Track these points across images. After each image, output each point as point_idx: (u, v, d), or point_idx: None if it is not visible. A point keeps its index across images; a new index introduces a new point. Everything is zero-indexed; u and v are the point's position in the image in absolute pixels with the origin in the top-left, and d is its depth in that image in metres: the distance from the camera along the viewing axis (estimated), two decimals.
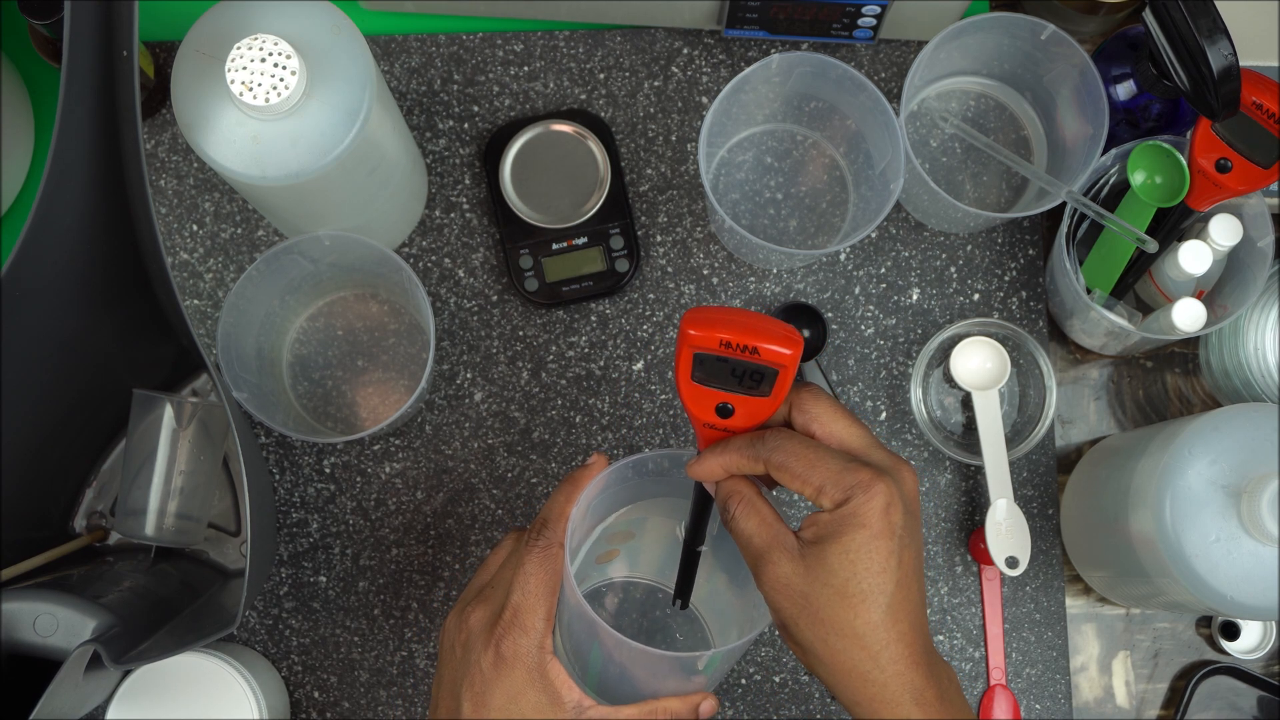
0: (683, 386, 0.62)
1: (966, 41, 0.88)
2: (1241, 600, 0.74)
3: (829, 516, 0.61)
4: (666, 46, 0.94)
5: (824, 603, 0.61)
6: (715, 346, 0.60)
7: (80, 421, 0.86)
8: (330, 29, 0.73)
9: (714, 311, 0.62)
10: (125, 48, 0.67)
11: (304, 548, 0.90)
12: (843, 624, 0.61)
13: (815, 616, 0.62)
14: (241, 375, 0.82)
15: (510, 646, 0.66)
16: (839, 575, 0.61)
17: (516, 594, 0.67)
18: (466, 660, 0.68)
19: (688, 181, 0.94)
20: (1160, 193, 0.84)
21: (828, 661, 0.62)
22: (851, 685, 0.62)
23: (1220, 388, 0.92)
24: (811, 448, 0.62)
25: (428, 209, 0.93)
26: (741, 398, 0.62)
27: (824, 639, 0.62)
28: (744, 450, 0.63)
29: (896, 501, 0.61)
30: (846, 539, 0.60)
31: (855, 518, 0.60)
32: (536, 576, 0.67)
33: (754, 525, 0.63)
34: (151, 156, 0.93)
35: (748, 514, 0.64)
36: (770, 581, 0.62)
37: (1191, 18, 0.76)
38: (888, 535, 0.61)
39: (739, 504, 0.64)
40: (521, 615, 0.66)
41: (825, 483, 0.61)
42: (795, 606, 0.62)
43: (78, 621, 0.73)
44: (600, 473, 0.70)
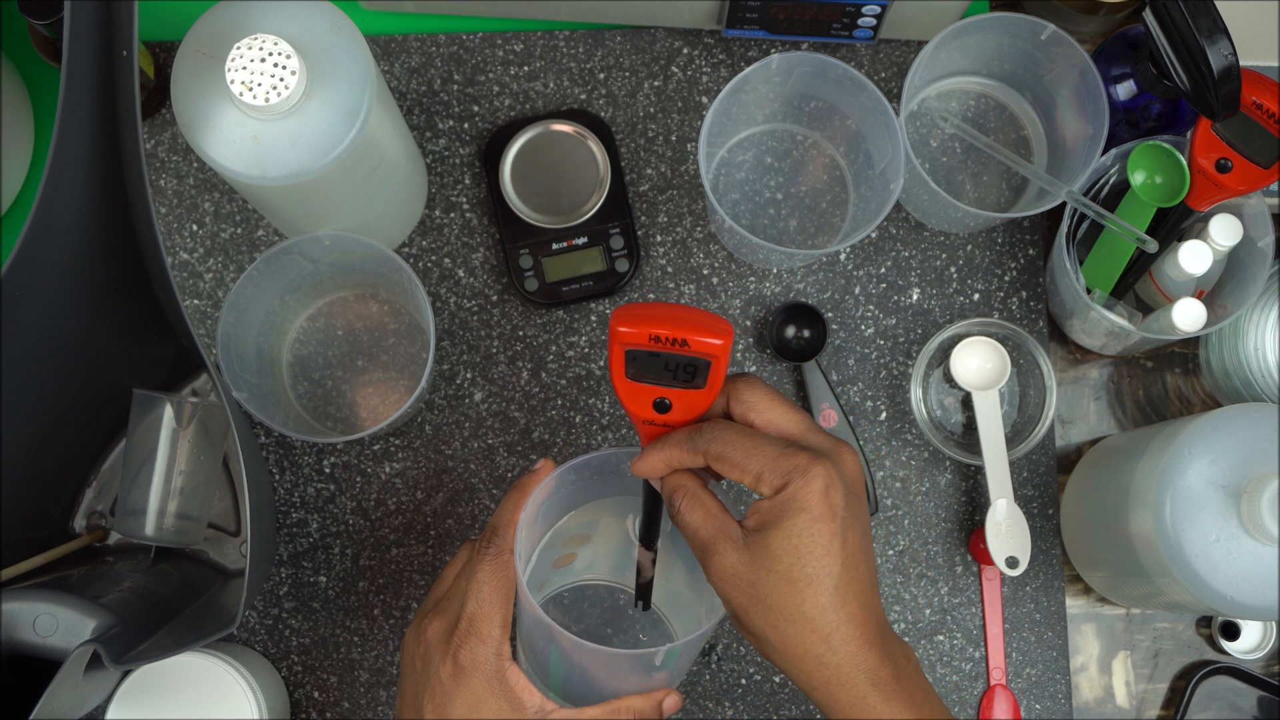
0: (618, 384, 0.63)
1: (966, 41, 0.88)
2: (1241, 600, 0.74)
3: (769, 503, 0.62)
4: (666, 46, 0.94)
5: (771, 589, 0.62)
6: (645, 341, 0.61)
7: (80, 421, 0.86)
8: (330, 29, 0.73)
9: (643, 307, 0.62)
10: (125, 48, 0.67)
11: (304, 548, 0.90)
12: (791, 609, 0.62)
13: (764, 603, 0.62)
14: (241, 375, 0.82)
15: (468, 655, 0.66)
16: (783, 561, 0.61)
17: (471, 603, 0.67)
18: (426, 672, 0.68)
19: (688, 181, 0.94)
20: (1160, 193, 0.84)
21: (780, 647, 0.63)
22: (806, 669, 0.62)
23: (1220, 388, 0.92)
24: (748, 436, 0.62)
25: (428, 209, 0.93)
26: (677, 391, 0.63)
27: (774, 625, 0.62)
28: (683, 444, 0.63)
29: (836, 483, 0.61)
30: (788, 524, 0.61)
31: (795, 502, 0.61)
32: (490, 585, 0.67)
33: (699, 518, 0.64)
34: (151, 156, 0.93)
35: (692, 507, 0.64)
36: (718, 572, 0.63)
37: (1191, 18, 0.76)
38: (828, 517, 0.61)
39: (683, 498, 0.64)
40: (477, 624, 0.67)
41: (764, 469, 0.61)
42: (744, 595, 0.62)
43: (78, 621, 0.73)
44: (547, 476, 0.71)
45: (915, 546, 0.92)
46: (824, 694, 0.63)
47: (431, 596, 0.71)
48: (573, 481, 0.74)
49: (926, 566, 0.91)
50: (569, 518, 0.79)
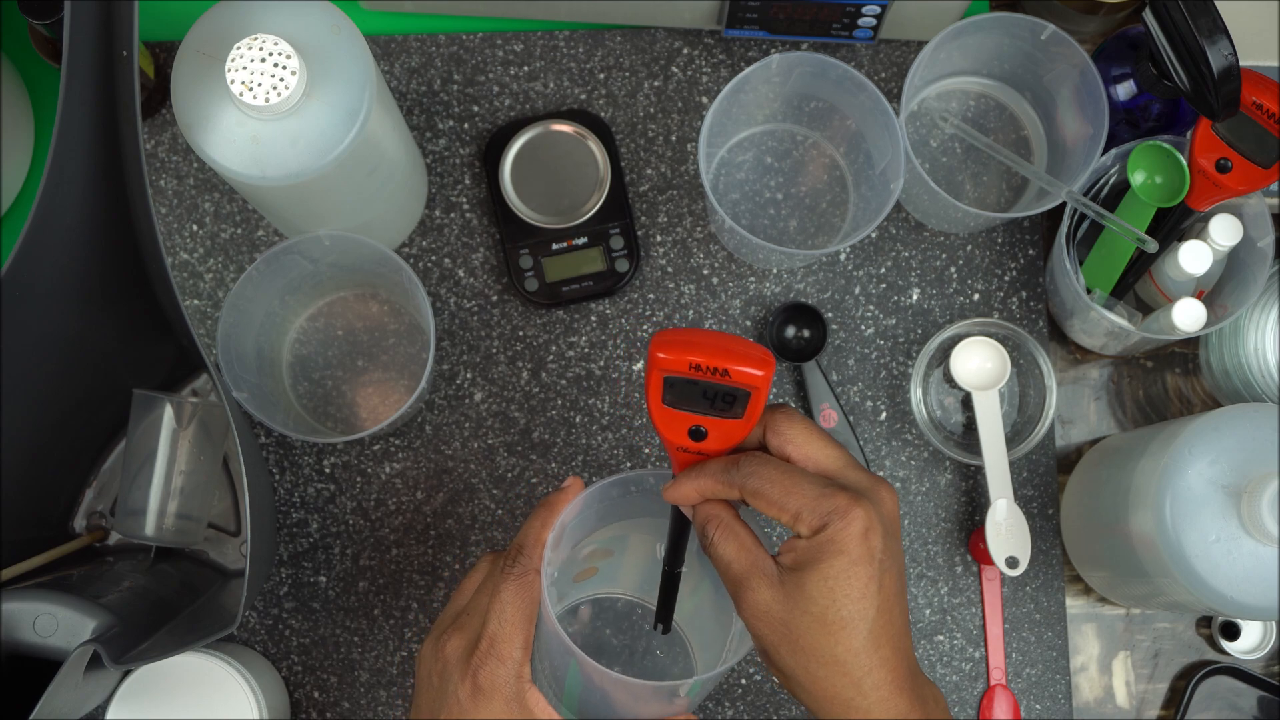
0: (654, 410, 0.61)
1: (966, 41, 0.88)
2: (1241, 600, 0.74)
3: (806, 544, 0.60)
4: (666, 46, 0.94)
5: (804, 630, 0.60)
6: (685, 369, 0.59)
7: (80, 421, 0.86)
8: (330, 29, 0.73)
9: (684, 333, 0.60)
10: (125, 48, 0.67)
11: (304, 548, 0.90)
12: (823, 651, 0.60)
13: (796, 644, 0.61)
14: (241, 375, 0.82)
15: (487, 677, 0.65)
16: (818, 603, 0.60)
17: (493, 623, 0.66)
18: (444, 690, 0.67)
19: (688, 181, 0.94)
20: (1160, 193, 0.84)
21: (810, 689, 0.61)
22: (834, 712, 0.61)
23: (1220, 388, 0.92)
24: (786, 473, 0.61)
25: (428, 209, 0.93)
26: (714, 420, 0.61)
27: (805, 666, 0.61)
28: (718, 475, 0.62)
29: (875, 525, 0.60)
30: (825, 566, 0.59)
31: (833, 544, 0.59)
32: (513, 605, 0.66)
33: (732, 551, 0.62)
34: (151, 156, 0.93)
35: (726, 539, 0.62)
36: (750, 608, 0.61)
37: (1191, 18, 0.76)
38: (867, 560, 0.60)
39: (717, 528, 0.63)
40: (498, 645, 0.65)
41: (802, 509, 0.60)
42: (775, 634, 0.61)
43: (78, 621, 0.73)
44: (576, 496, 0.69)
45: (915, 546, 0.92)
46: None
47: (450, 609, 0.70)
48: (604, 499, 0.73)
49: (926, 566, 0.91)
50: (595, 534, 0.78)
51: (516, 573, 0.67)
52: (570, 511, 0.70)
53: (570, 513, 0.70)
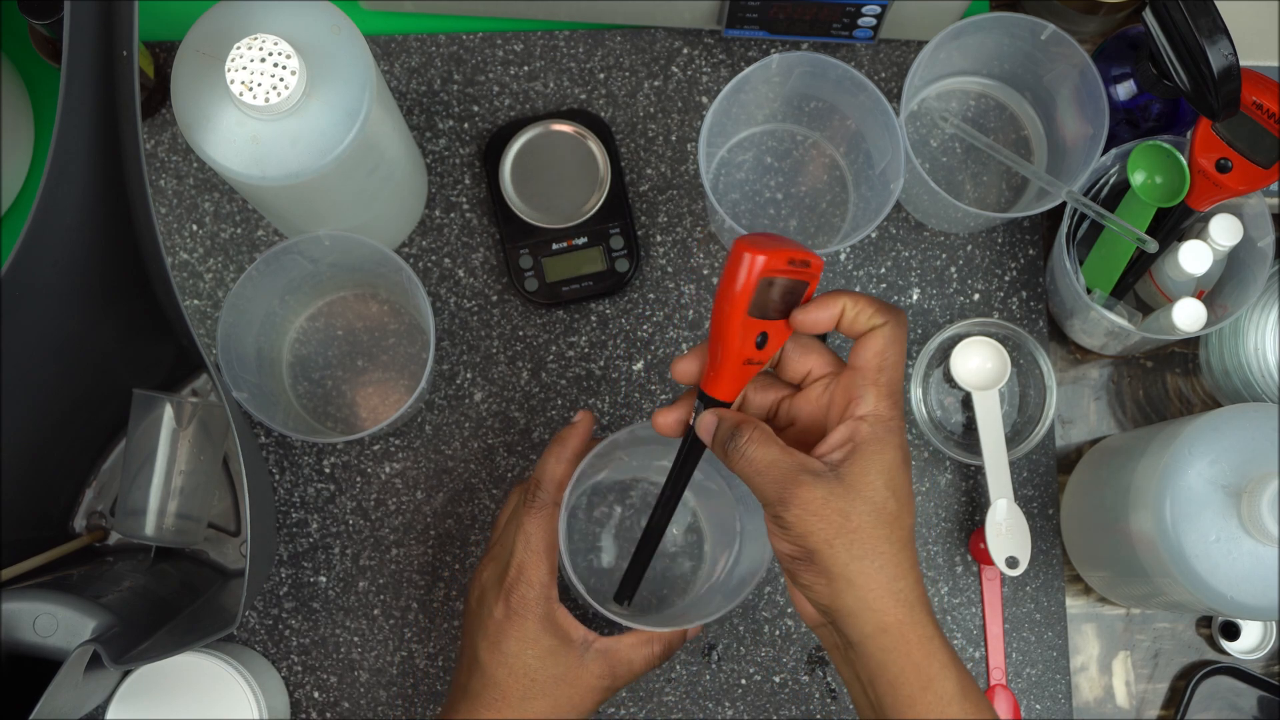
0: (736, 324, 0.62)
1: (966, 41, 0.88)
2: (1241, 600, 0.74)
3: (869, 429, 0.63)
4: (666, 46, 0.94)
5: (863, 519, 0.62)
6: (784, 266, 0.62)
7: (80, 421, 0.86)
8: (330, 29, 0.73)
9: (761, 238, 0.63)
10: (125, 48, 0.67)
11: (304, 548, 0.90)
12: (878, 540, 0.62)
13: (855, 534, 0.62)
14: (241, 375, 0.82)
15: (519, 599, 0.74)
16: (880, 492, 0.62)
17: (520, 552, 0.75)
18: (480, 613, 0.76)
19: (688, 181, 0.94)
20: (1160, 193, 0.84)
21: (860, 582, 0.62)
22: (881, 606, 0.63)
23: (1220, 388, 0.92)
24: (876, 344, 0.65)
25: (428, 209, 0.93)
26: (773, 323, 0.64)
27: (860, 557, 0.62)
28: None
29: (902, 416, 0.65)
30: (884, 456, 0.63)
31: (895, 434, 0.63)
32: (536, 535, 0.75)
33: (774, 452, 0.63)
34: (151, 156, 0.93)
35: (764, 441, 0.63)
36: (803, 504, 0.62)
37: (1191, 18, 0.76)
38: (907, 462, 0.64)
39: (751, 431, 0.63)
40: (526, 571, 0.75)
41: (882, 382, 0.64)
42: (833, 527, 0.62)
43: (78, 621, 0.73)
44: (586, 427, 0.78)
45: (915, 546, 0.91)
46: (893, 638, 0.63)
47: (490, 541, 0.80)
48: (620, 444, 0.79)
49: (926, 566, 0.91)
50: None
51: (536, 506, 0.75)
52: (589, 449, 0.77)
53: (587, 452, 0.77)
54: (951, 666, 0.64)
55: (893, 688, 0.64)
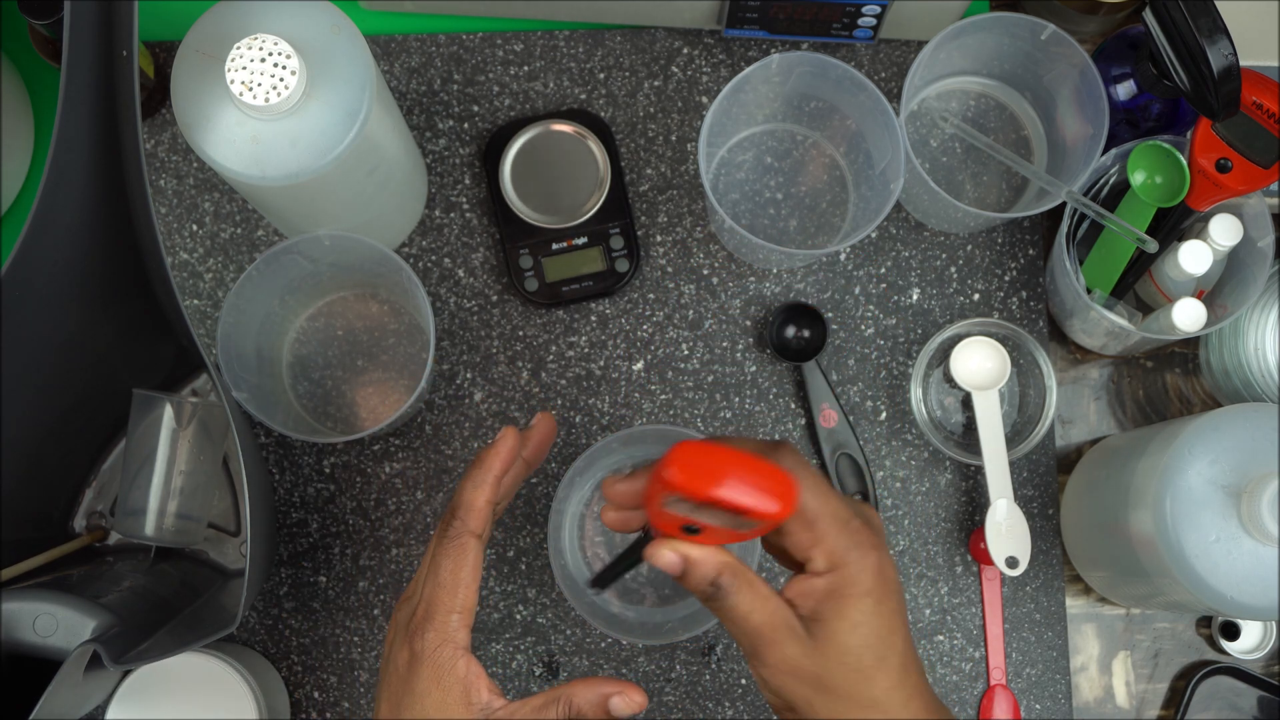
0: (651, 513, 0.57)
1: (966, 41, 0.88)
2: (1241, 600, 0.74)
3: (825, 583, 0.58)
4: (666, 46, 0.94)
5: (839, 679, 0.59)
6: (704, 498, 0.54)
7: (80, 421, 0.86)
8: (330, 29, 0.73)
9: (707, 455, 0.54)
10: (125, 48, 0.67)
11: (304, 548, 0.90)
12: (862, 696, 0.59)
13: (833, 694, 0.59)
14: (241, 375, 0.82)
15: (421, 644, 0.63)
16: (853, 651, 0.58)
17: (427, 588, 0.65)
18: (388, 659, 0.66)
19: (688, 181, 0.93)
20: (1160, 193, 0.84)
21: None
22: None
23: (1220, 388, 0.92)
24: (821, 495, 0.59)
25: (428, 209, 0.93)
26: (716, 529, 0.57)
27: (837, 711, 0.59)
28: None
29: (886, 556, 0.59)
30: (853, 610, 0.58)
31: (856, 585, 0.58)
32: (446, 568, 0.64)
33: (752, 602, 0.59)
34: (151, 156, 0.93)
35: (742, 589, 0.59)
36: (776, 664, 0.59)
37: (1191, 18, 0.76)
38: (890, 595, 0.59)
39: (733, 578, 0.59)
40: (433, 611, 0.64)
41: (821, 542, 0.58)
42: (808, 687, 0.59)
43: (78, 621, 0.73)
44: (507, 447, 0.68)
45: (915, 546, 0.92)
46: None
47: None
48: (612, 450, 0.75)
49: (926, 566, 0.91)
50: None
51: (450, 536, 0.65)
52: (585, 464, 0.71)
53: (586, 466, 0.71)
54: None
55: None
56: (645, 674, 0.90)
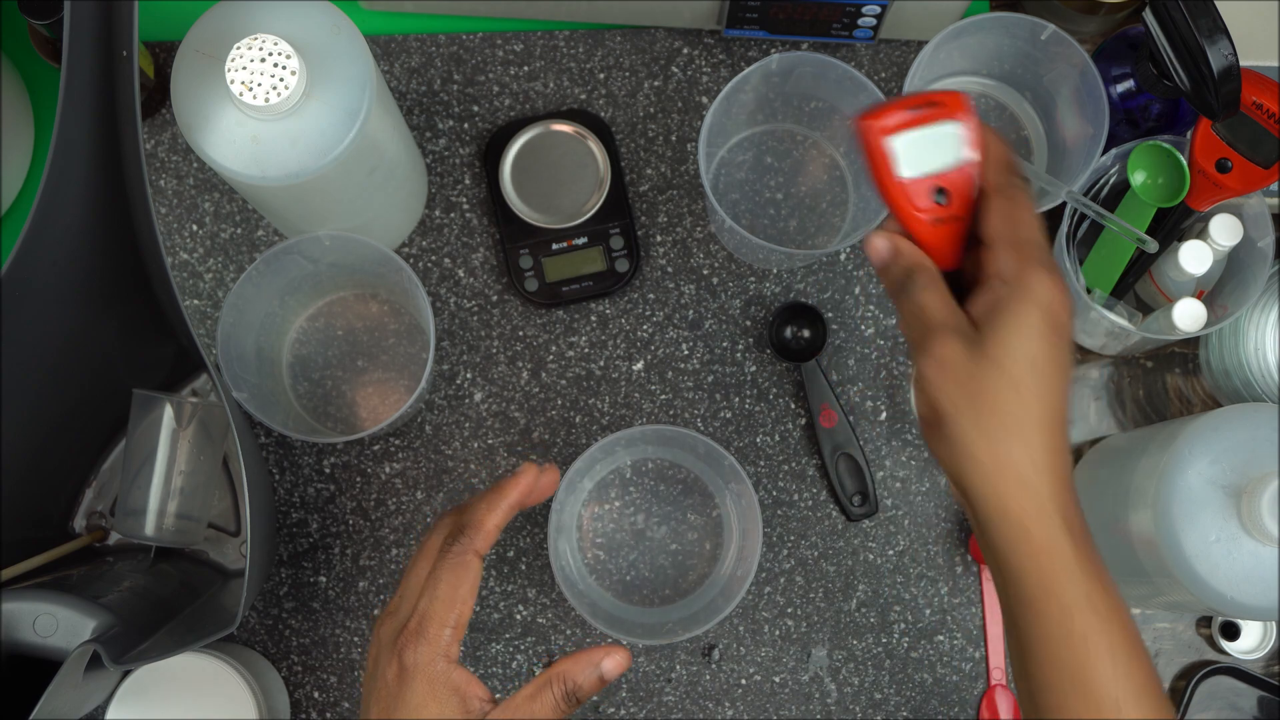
0: (891, 188, 0.62)
1: (966, 41, 0.88)
2: (1241, 600, 0.74)
3: (1007, 289, 0.58)
4: (666, 46, 0.94)
5: (992, 386, 0.58)
6: (902, 119, 0.61)
7: (80, 421, 0.86)
8: (330, 29, 0.73)
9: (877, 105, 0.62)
10: (125, 48, 0.67)
11: (304, 548, 0.90)
12: (1007, 413, 0.58)
13: (980, 401, 0.58)
14: (241, 375, 0.82)
15: (412, 657, 0.64)
16: (1014, 358, 0.58)
17: (424, 601, 0.65)
18: (375, 673, 0.66)
19: (688, 181, 0.94)
20: (1160, 193, 0.84)
21: (984, 458, 0.58)
22: (1003, 490, 0.58)
23: (1220, 388, 0.92)
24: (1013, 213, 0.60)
25: (428, 209, 0.93)
26: (946, 176, 0.62)
27: (986, 431, 0.58)
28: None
29: (1068, 301, 0.59)
30: (1023, 318, 0.58)
31: (1032, 295, 0.58)
32: (446, 583, 0.65)
33: (935, 299, 0.60)
34: (151, 156, 0.93)
35: (930, 285, 0.61)
36: (938, 359, 0.59)
37: (1191, 18, 0.76)
38: (1060, 329, 0.58)
39: (922, 275, 0.61)
40: (426, 624, 0.64)
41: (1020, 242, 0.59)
42: (960, 391, 0.58)
43: (78, 621, 0.73)
44: (528, 481, 0.69)
45: (915, 546, 0.92)
46: (1014, 528, 0.58)
47: (397, 592, 0.69)
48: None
49: (926, 566, 0.91)
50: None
51: (455, 553, 0.65)
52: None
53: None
54: (1080, 574, 0.58)
55: (1015, 585, 0.59)
56: (645, 674, 0.90)
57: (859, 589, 0.91)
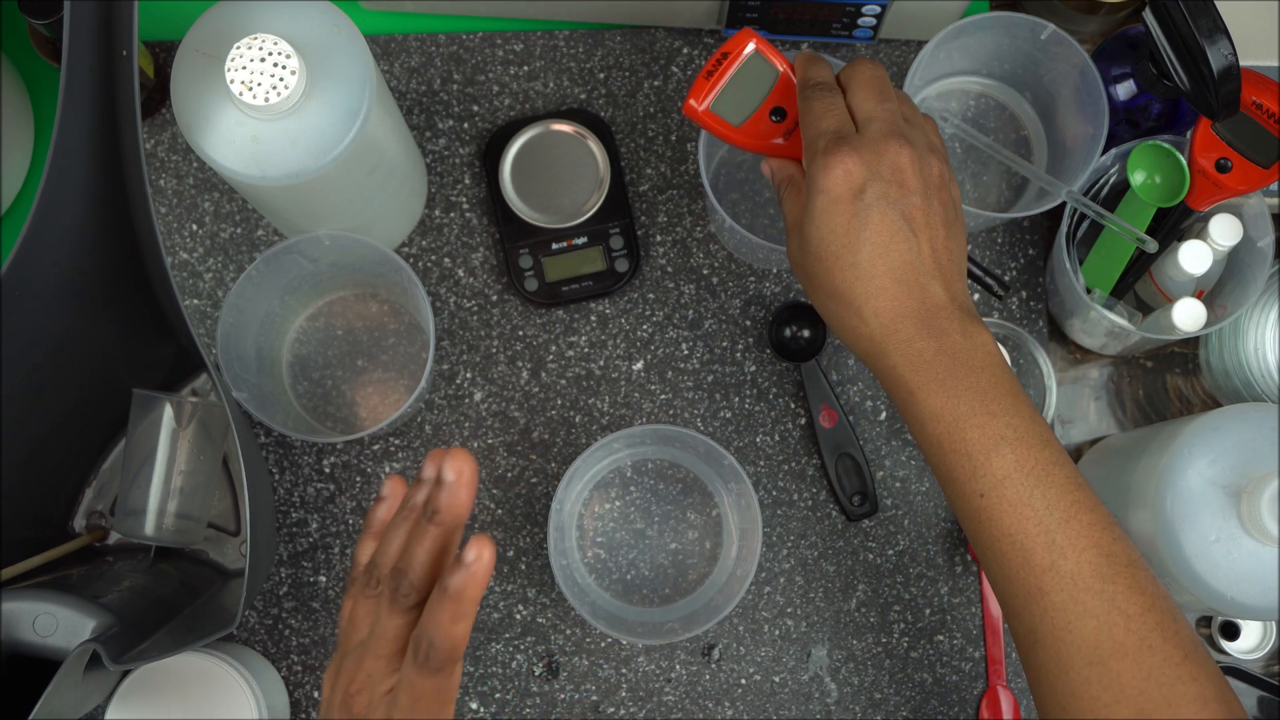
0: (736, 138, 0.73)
1: (966, 41, 0.88)
2: (1241, 600, 0.74)
3: (806, 187, 0.68)
4: (666, 46, 0.94)
5: (811, 267, 0.68)
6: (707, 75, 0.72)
7: (80, 421, 0.86)
8: (330, 29, 0.73)
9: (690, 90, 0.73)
10: (125, 48, 0.67)
11: (304, 548, 0.90)
12: (827, 285, 0.67)
13: (810, 281, 0.69)
14: (241, 375, 0.82)
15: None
16: (813, 240, 0.67)
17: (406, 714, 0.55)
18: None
19: (688, 181, 0.93)
20: (1160, 193, 0.84)
21: (831, 324, 0.69)
22: (851, 343, 0.68)
23: (1220, 388, 0.92)
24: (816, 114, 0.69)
25: (428, 209, 0.93)
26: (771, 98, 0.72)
27: (821, 303, 0.69)
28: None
29: (858, 167, 0.66)
30: (811, 205, 0.67)
31: (813, 184, 0.67)
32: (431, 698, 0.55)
33: (791, 204, 0.71)
34: (151, 156, 0.93)
35: (790, 194, 0.71)
36: (789, 255, 0.70)
37: (1191, 18, 0.76)
38: (848, 200, 0.66)
39: (784, 186, 0.72)
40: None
41: (806, 146, 0.68)
42: (800, 275, 0.69)
43: (77, 621, 0.73)
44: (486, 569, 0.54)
45: (915, 546, 0.92)
46: (870, 367, 0.68)
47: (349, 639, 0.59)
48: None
49: (926, 566, 0.91)
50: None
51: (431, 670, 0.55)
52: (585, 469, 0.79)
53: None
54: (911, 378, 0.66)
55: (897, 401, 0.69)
56: (645, 674, 0.90)
57: (859, 589, 0.91)
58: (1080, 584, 0.62)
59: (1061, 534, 0.62)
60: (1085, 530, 0.63)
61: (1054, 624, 0.62)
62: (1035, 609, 0.62)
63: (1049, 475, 0.64)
